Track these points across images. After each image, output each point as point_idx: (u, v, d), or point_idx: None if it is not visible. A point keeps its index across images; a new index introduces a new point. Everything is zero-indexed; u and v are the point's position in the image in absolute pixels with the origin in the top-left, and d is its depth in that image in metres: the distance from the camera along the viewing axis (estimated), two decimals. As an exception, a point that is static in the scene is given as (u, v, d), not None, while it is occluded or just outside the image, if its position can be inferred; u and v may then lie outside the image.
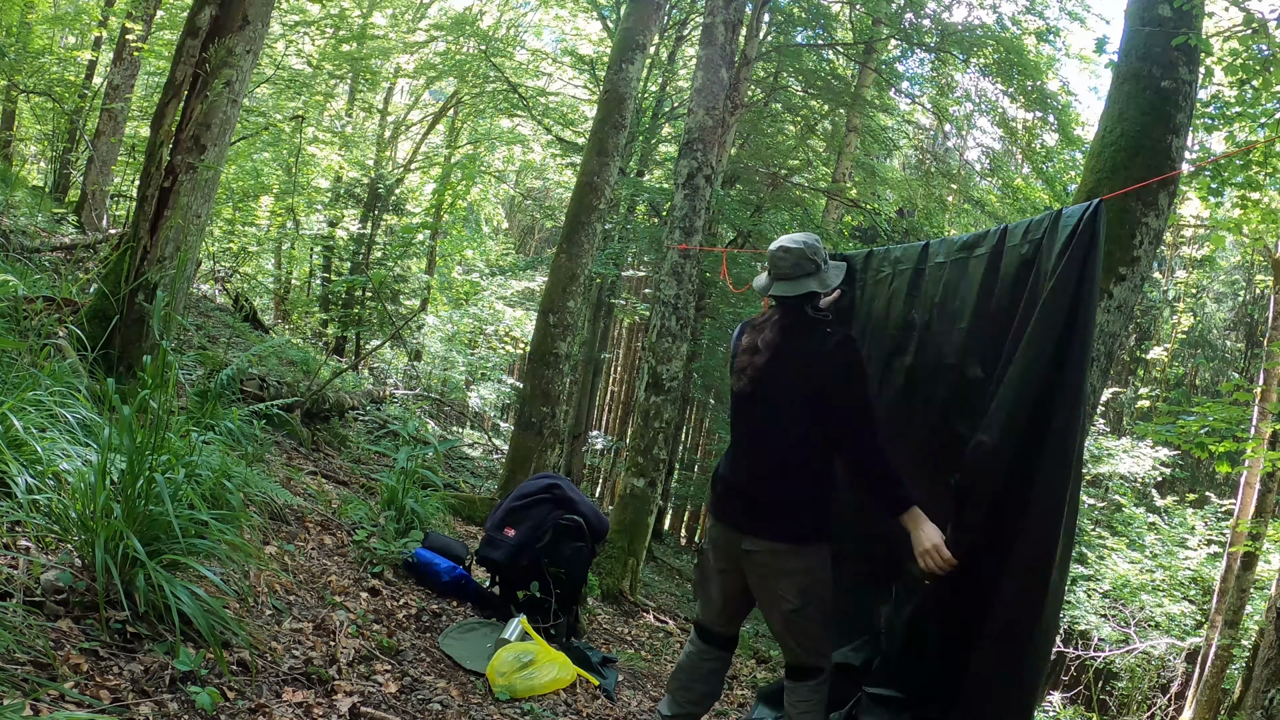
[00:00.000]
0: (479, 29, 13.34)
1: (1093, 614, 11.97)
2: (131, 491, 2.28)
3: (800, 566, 2.55)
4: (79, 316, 4.09)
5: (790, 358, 2.57)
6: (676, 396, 6.33)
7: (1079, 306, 2.29)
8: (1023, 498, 2.33)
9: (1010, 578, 2.34)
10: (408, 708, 2.64)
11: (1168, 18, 3.23)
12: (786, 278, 2.61)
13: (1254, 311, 18.59)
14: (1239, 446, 7.30)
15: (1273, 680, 5.03)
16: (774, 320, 2.65)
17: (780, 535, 2.54)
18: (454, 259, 18.90)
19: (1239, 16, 5.49)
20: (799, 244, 2.60)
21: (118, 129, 9.66)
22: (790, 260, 2.60)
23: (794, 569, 2.55)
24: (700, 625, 2.86)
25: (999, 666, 2.38)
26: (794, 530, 2.54)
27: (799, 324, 2.60)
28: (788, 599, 2.55)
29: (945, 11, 10.31)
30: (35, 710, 1.73)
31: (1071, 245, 2.32)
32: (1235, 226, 8.71)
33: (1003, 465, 2.36)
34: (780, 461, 2.58)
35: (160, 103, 4.18)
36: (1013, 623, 2.34)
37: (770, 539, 2.54)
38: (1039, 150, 10.42)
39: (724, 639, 2.84)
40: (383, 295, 14.03)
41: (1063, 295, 2.30)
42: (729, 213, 10.43)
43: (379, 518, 4.32)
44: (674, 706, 2.82)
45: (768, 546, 2.55)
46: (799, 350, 2.56)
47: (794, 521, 2.54)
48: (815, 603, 2.57)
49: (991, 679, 2.40)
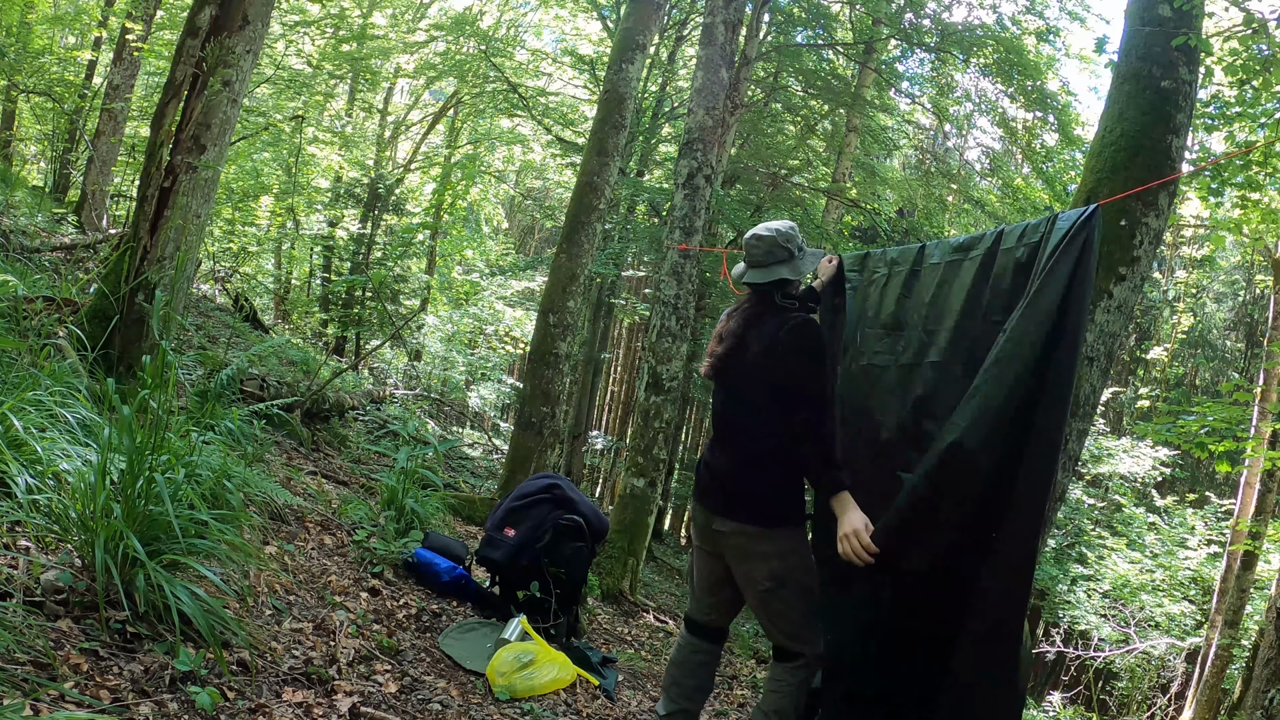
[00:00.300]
0: (479, 29, 13.34)
1: (1093, 614, 11.97)
2: (131, 491, 2.28)
3: (771, 550, 2.56)
4: (79, 316, 4.09)
5: (751, 345, 2.60)
6: (676, 396, 6.33)
7: (1069, 310, 2.28)
8: (1007, 498, 2.32)
9: (996, 578, 2.33)
10: (408, 708, 2.64)
11: (1168, 18, 3.23)
12: (759, 265, 2.64)
13: (1254, 311, 18.59)
14: (1239, 446, 7.30)
15: (1273, 680, 5.03)
16: (743, 308, 2.70)
17: (749, 518, 2.57)
18: (454, 259, 18.90)
19: (1239, 16, 5.49)
20: (771, 231, 2.63)
21: (118, 129, 9.66)
22: (762, 248, 2.63)
23: (765, 551, 2.57)
24: (688, 618, 2.90)
25: (986, 667, 2.36)
26: (762, 514, 2.56)
27: (765, 311, 2.63)
28: (760, 581, 2.58)
29: (945, 11, 10.32)
30: (35, 710, 1.73)
31: (1063, 248, 2.32)
32: (1235, 226, 8.71)
33: (986, 466, 2.35)
34: (748, 451, 2.61)
35: (160, 103, 4.19)
36: (1000, 623, 2.33)
37: (739, 521, 2.58)
38: (1039, 150, 10.42)
39: (711, 631, 2.85)
40: (383, 295, 14.03)
41: (1051, 298, 2.29)
42: (729, 213, 10.43)
43: (379, 518, 4.32)
44: (668, 704, 2.83)
45: (737, 528, 2.58)
46: (760, 337, 2.58)
47: (762, 506, 2.57)
48: (791, 586, 2.57)
49: (976, 680, 2.38)
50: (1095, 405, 3.14)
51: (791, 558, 2.58)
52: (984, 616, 2.35)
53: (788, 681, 2.62)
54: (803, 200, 11.87)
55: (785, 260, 2.63)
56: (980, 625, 2.35)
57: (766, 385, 2.54)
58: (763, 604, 2.62)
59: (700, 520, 2.75)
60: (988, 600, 2.35)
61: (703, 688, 2.86)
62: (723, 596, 2.81)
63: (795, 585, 2.58)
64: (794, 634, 2.62)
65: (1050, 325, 2.28)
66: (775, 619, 2.62)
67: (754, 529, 2.56)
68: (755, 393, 2.58)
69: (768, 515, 2.56)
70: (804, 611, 2.60)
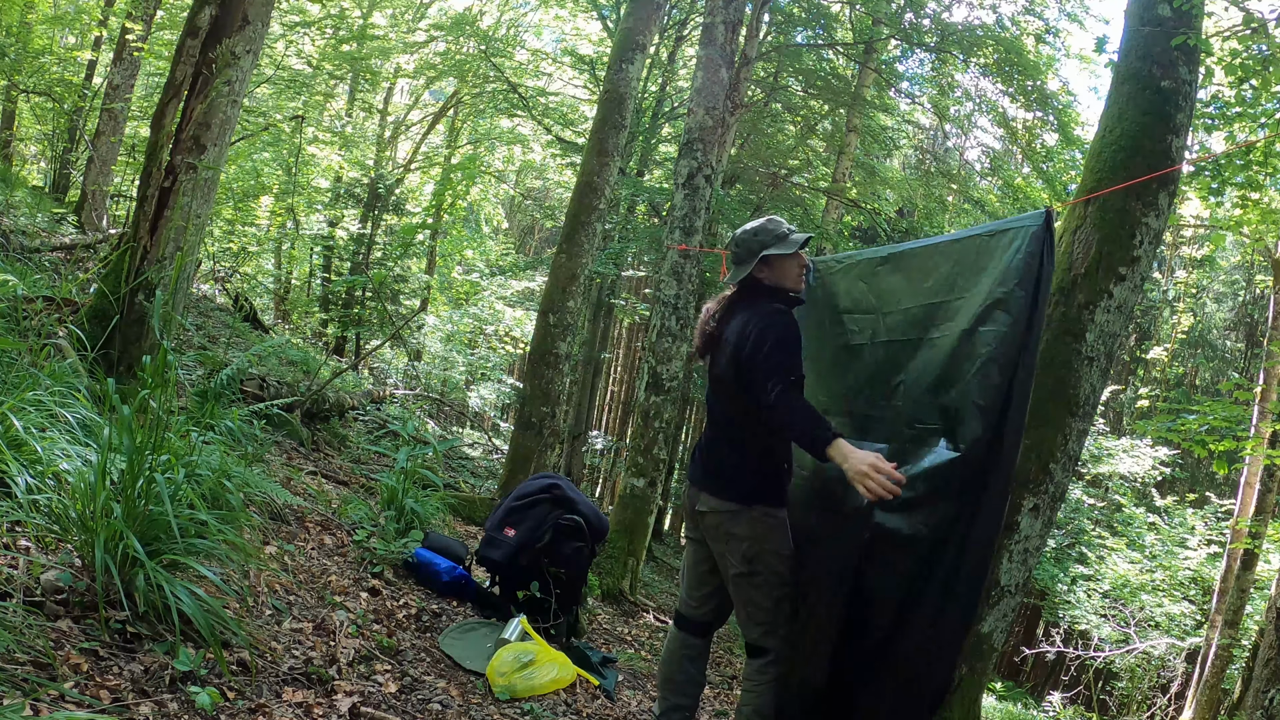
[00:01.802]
0: (479, 29, 13.34)
1: (1093, 614, 11.97)
2: (131, 491, 2.28)
3: (746, 533, 2.64)
4: (79, 316, 4.09)
5: (722, 338, 2.74)
6: (676, 396, 6.33)
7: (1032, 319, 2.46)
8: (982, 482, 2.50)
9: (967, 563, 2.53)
10: (408, 708, 2.64)
11: (1168, 18, 3.23)
12: (739, 263, 2.79)
13: (1254, 311, 18.59)
14: (1239, 445, 7.30)
15: (1273, 680, 5.03)
16: (723, 303, 2.83)
17: (723, 494, 2.68)
18: (454, 259, 18.90)
19: (1239, 16, 5.49)
20: (743, 232, 2.80)
21: (118, 129, 9.65)
22: (740, 251, 2.78)
23: (741, 534, 2.64)
24: (677, 612, 2.97)
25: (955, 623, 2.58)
26: (736, 490, 2.66)
27: (740, 304, 2.76)
28: (734, 563, 2.67)
29: (945, 11, 10.30)
30: (35, 710, 1.73)
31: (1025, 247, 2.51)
32: (1235, 226, 8.70)
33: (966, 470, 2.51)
34: (728, 431, 2.76)
35: (160, 103, 4.18)
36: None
37: (716, 497, 2.68)
38: (1039, 150, 10.42)
39: (698, 625, 2.91)
40: (383, 295, 14.03)
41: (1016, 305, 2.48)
42: (729, 213, 10.42)
43: (379, 518, 4.32)
44: (661, 703, 2.90)
45: (715, 505, 2.67)
46: (732, 329, 2.71)
47: (737, 484, 2.67)
48: (763, 574, 2.64)
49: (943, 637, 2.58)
50: (1095, 405, 3.13)
51: (766, 542, 2.64)
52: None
53: (758, 680, 2.69)
54: (803, 200, 11.87)
55: (756, 253, 2.74)
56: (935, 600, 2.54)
57: (734, 376, 2.64)
58: (735, 587, 2.71)
59: (688, 505, 2.86)
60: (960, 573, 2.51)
61: (694, 681, 2.91)
62: (709, 590, 2.87)
63: (768, 573, 2.64)
64: (762, 623, 2.68)
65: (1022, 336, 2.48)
66: (746, 605, 2.70)
67: (730, 506, 2.65)
68: (725, 384, 2.71)
69: (740, 491, 2.66)
70: (775, 602, 2.67)
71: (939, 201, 11.67)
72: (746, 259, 2.74)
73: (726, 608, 2.91)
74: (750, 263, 2.72)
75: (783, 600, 2.67)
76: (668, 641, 2.96)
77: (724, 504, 2.66)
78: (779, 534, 2.66)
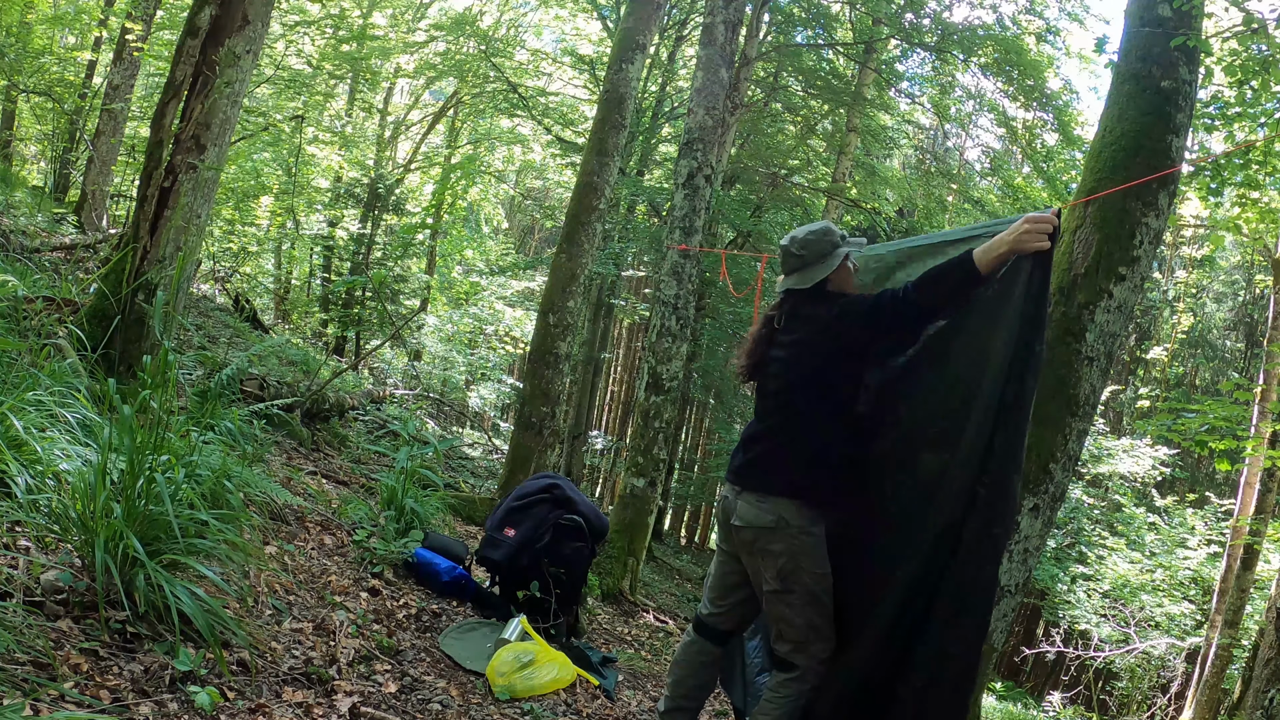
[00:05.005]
0: (479, 29, 13.34)
1: (1093, 614, 11.97)
2: (131, 491, 2.28)
3: (782, 549, 2.54)
4: (79, 316, 4.09)
5: (788, 344, 2.64)
6: (676, 396, 6.33)
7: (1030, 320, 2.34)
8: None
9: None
10: (408, 708, 2.64)
11: (1168, 18, 3.23)
12: (805, 267, 2.66)
13: (1254, 311, 18.59)
14: (1239, 445, 7.30)
15: (1273, 680, 5.03)
16: (776, 312, 2.73)
17: (758, 487, 2.59)
18: (454, 259, 18.91)
19: (1239, 16, 5.49)
20: (809, 234, 2.67)
21: (118, 129, 9.65)
22: (807, 254, 2.65)
23: (777, 550, 2.55)
24: (697, 616, 2.93)
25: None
26: (774, 485, 2.57)
27: (799, 312, 2.66)
28: (768, 580, 2.58)
29: (945, 11, 10.31)
30: (35, 710, 1.73)
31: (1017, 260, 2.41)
32: (1234, 226, 8.70)
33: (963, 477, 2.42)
34: (789, 431, 2.63)
35: (160, 103, 4.18)
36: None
37: (749, 489, 2.60)
38: (1039, 150, 10.42)
39: (713, 632, 2.86)
40: (383, 295, 14.03)
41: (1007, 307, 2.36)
42: (729, 213, 10.43)
43: (379, 518, 4.32)
44: (666, 702, 2.88)
45: (751, 518, 2.56)
46: (797, 334, 2.63)
47: (777, 478, 2.58)
48: (798, 592, 2.54)
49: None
50: (1095, 405, 3.14)
51: (802, 559, 2.54)
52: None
53: (780, 694, 2.60)
54: (803, 200, 11.88)
55: (826, 255, 2.64)
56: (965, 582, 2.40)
57: (802, 376, 2.58)
58: (768, 604, 2.63)
59: (721, 516, 2.78)
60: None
61: (704, 686, 2.89)
62: (733, 600, 2.81)
63: (803, 591, 2.54)
64: (795, 642, 2.59)
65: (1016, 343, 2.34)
66: (779, 622, 2.61)
67: (768, 520, 2.54)
68: (785, 389, 2.62)
69: (778, 486, 2.56)
70: (809, 621, 2.56)
71: (939, 201, 11.69)
72: (816, 261, 2.62)
73: (748, 618, 2.87)
74: (821, 264, 2.61)
75: (816, 622, 2.58)
76: (683, 644, 2.90)
77: (761, 516, 2.55)
78: (816, 552, 2.57)
